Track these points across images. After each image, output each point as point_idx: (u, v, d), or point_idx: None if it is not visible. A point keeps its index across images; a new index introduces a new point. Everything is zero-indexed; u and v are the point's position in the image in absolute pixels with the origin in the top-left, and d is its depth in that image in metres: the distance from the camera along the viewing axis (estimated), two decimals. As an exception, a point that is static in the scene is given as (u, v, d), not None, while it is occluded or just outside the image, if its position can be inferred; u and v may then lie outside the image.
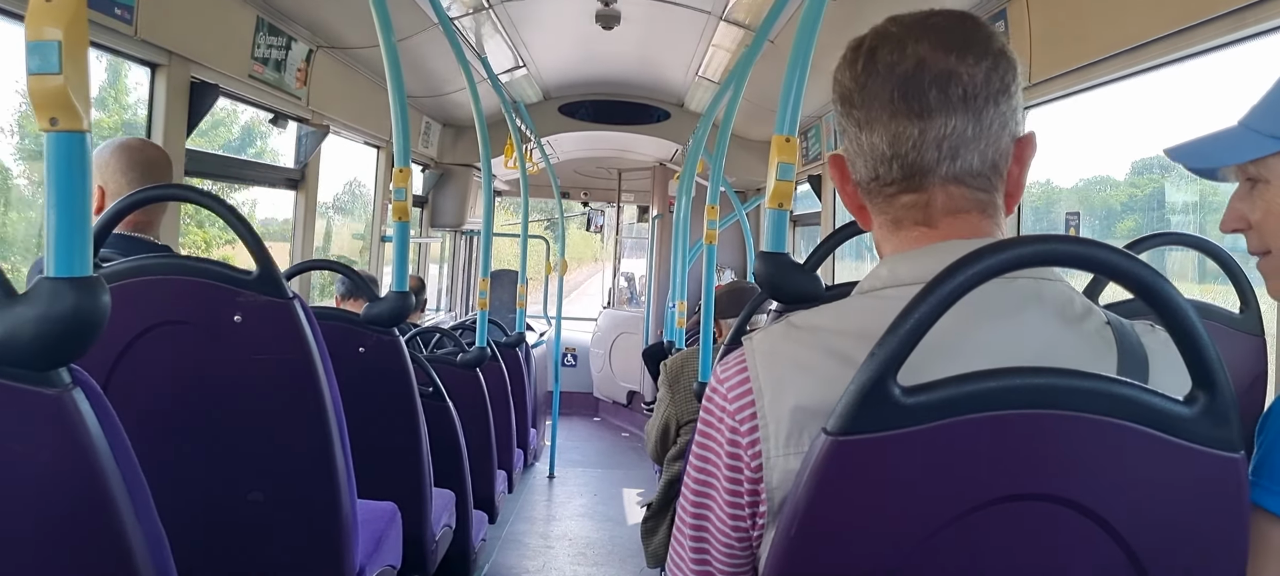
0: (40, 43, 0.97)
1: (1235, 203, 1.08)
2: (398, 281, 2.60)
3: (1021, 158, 0.93)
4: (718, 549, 0.96)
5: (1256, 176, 1.05)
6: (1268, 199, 1.04)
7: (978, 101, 0.89)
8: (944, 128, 0.89)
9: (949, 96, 0.88)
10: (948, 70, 0.88)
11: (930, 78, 0.89)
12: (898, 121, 0.90)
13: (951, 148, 0.89)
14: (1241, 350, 1.78)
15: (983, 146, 0.90)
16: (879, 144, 0.92)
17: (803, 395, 0.87)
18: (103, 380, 1.69)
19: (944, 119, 0.89)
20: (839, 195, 1.02)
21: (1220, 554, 0.81)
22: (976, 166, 0.90)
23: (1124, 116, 2.83)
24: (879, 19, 0.95)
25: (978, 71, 0.89)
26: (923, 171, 0.91)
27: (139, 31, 2.56)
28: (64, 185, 1.02)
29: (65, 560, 1.12)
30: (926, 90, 0.89)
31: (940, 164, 0.90)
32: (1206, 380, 0.79)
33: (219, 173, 3.65)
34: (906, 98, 0.89)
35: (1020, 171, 0.93)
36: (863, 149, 0.94)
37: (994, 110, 0.89)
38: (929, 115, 0.89)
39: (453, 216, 6.69)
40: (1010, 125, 0.91)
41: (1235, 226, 1.08)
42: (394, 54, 2.57)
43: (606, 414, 8.89)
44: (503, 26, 4.56)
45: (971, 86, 0.88)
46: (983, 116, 0.89)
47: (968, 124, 0.89)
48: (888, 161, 0.92)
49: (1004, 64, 0.90)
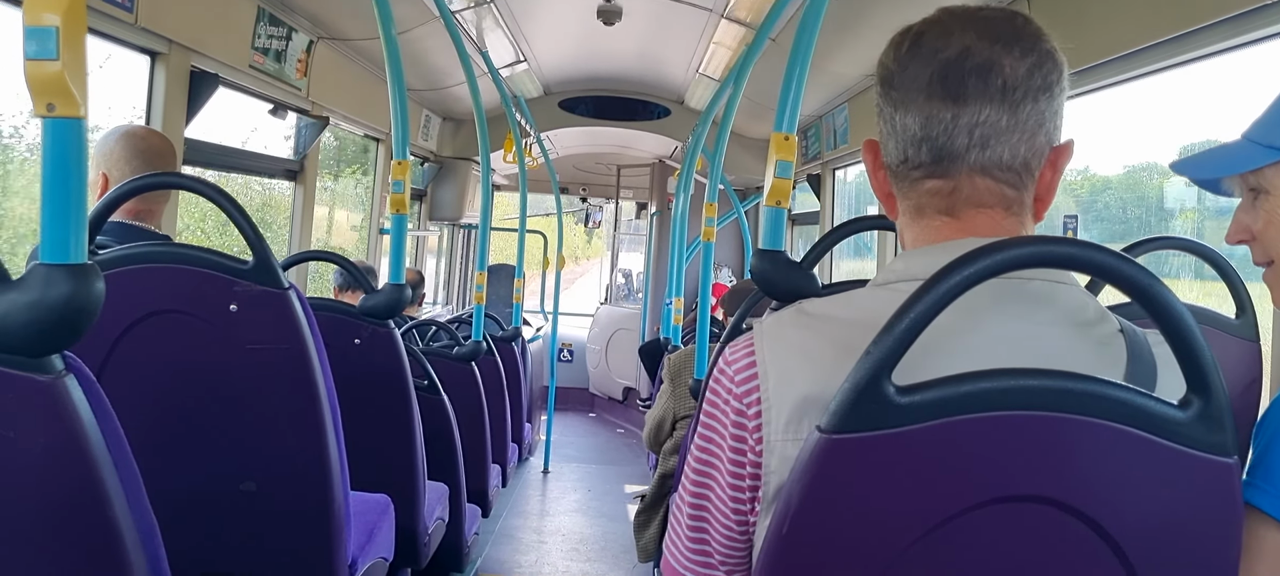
0: (38, 28, 0.97)
1: (1239, 215, 1.09)
2: (394, 273, 2.60)
3: (1056, 163, 0.92)
4: (717, 532, 0.96)
5: (1258, 187, 1.05)
6: (1269, 209, 1.05)
7: (1016, 94, 0.88)
8: (978, 115, 0.88)
9: (988, 86, 0.88)
10: (990, 60, 0.88)
11: (972, 65, 0.88)
12: (933, 104, 0.90)
13: (983, 136, 0.89)
14: (1237, 354, 1.79)
15: (1015, 141, 0.89)
16: (912, 125, 0.92)
17: (808, 383, 0.87)
18: (97, 367, 1.69)
19: (979, 106, 0.88)
20: (869, 181, 1.02)
21: (1213, 558, 0.81)
22: (1006, 160, 0.90)
23: (1173, 103, 2.75)
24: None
25: (1021, 66, 0.88)
26: (951, 157, 0.91)
27: (139, 19, 2.55)
28: (60, 171, 1.01)
29: (56, 547, 1.12)
30: (966, 77, 0.88)
31: (970, 151, 0.90)
32: (1201, 384, 0.79)
33: (218, 162, 3.64)
34: (945, 81, 0.89)
35: (1053, 176, 0.92)
36: (896, 130, 0.94)
37: (1031, 106, 0.89)
38: (965, 101, 0.89)
39: (451, 210, 6.69)
40: (1047, 126, 0.90)
41: (1239, 238, 1.09)
42: (394, 46, 2.56)
43: (602, 410, 8.89)
44: (504, 20, 4.55)
45: (1013, 79, 0.88)
46: (1020, 111, 0.88)
47: (1002, 115, 0.88)
48: (918, 144, 0.92)
49: (1049, 63, 0.89)
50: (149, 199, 2.05)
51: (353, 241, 6.14)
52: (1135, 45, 2.26)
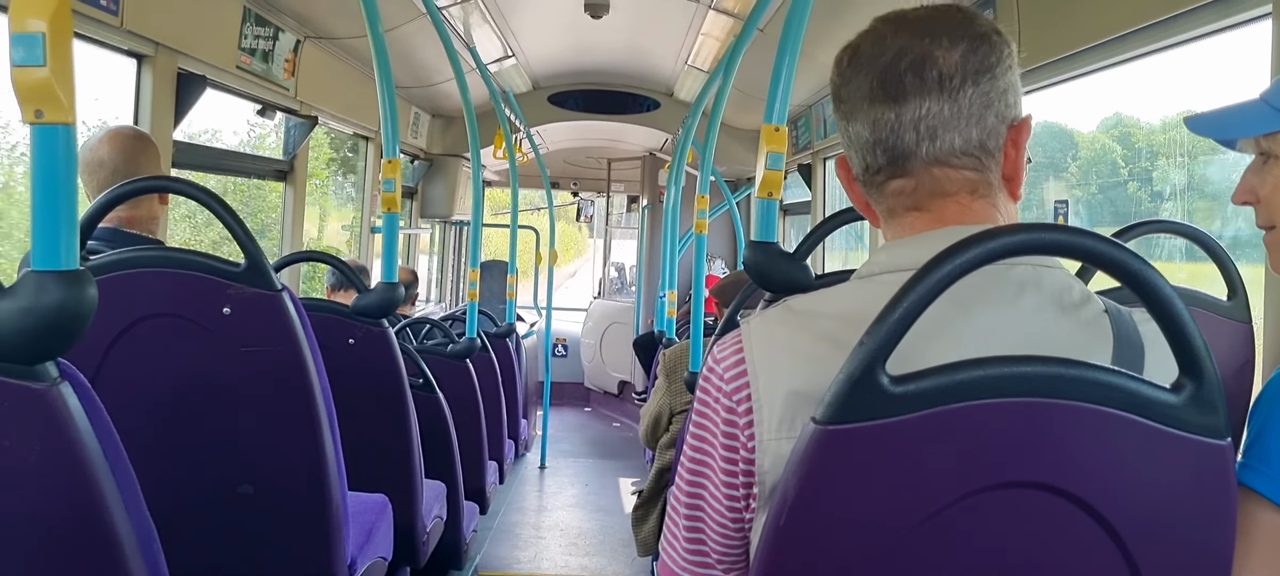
0: (24, 34, 0.96)
1: (1248, 176, 1.10)
2: (387, 272, 2.60)
3: (1016, 140, 0.93)
4: (713, 530, 0.96)
5: (1269, 151, 1.06)
6: (1277, 174, 1.06)
7: (954, 82, 0.90)
8: (918, 110, 0.90)
9: (924, 80, 0.90)
10: (922, 55, 0.90)
11: (907, 64, 0.90)
12: (876, 108, 0.92)
13: (929, 128, 0.91)
14: (1229, 337, 1.80)
15: (963, 126, 0.91)
16: (863, 133, 0.94)
17: (797, 379, 0.88)
18: (91, 374, 1.68)
19: (918, 101, 0.90)
20: (847, 196, 1.04)
21: (1207, 540, 0.82)
22: (959, 146, 0.91)
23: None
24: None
25: (953, 54, 0.90)
26: (904, 155, 0.92)
27: (125, 22, 2.54)
28: (49, 178, 1.01)
29: (54, 554, 1.12)
30: (903, 76, 0.91)
31: (920, 145, 0.92)
32: (1193, 367, 0.79)
33: (206, 164, 3.63)
34: (884, 85, 0.92)
35: (1016, 154, 0.94)
36: (852, 140, 0.97)
37: (972, 90, 0.90)
38: (904, 99, 0.91)
39: (442, 207, 6.68)
40: (996, 106, 0.91)
41: (1245, 199, 1.10)
42: (382, 44, 2.55)
43: (598, 404, 8.90)
44: (491, 16, 4.54)
45: (947, 68, 0.90)
46: (959, 97, 0.90)
47: (943, 105, 0.90)
48: (872, 148, 0.94)
49: (984, 46, 0.91)
50: (135, 204, 2.04)
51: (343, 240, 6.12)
52: (1122, 31, 2.26)
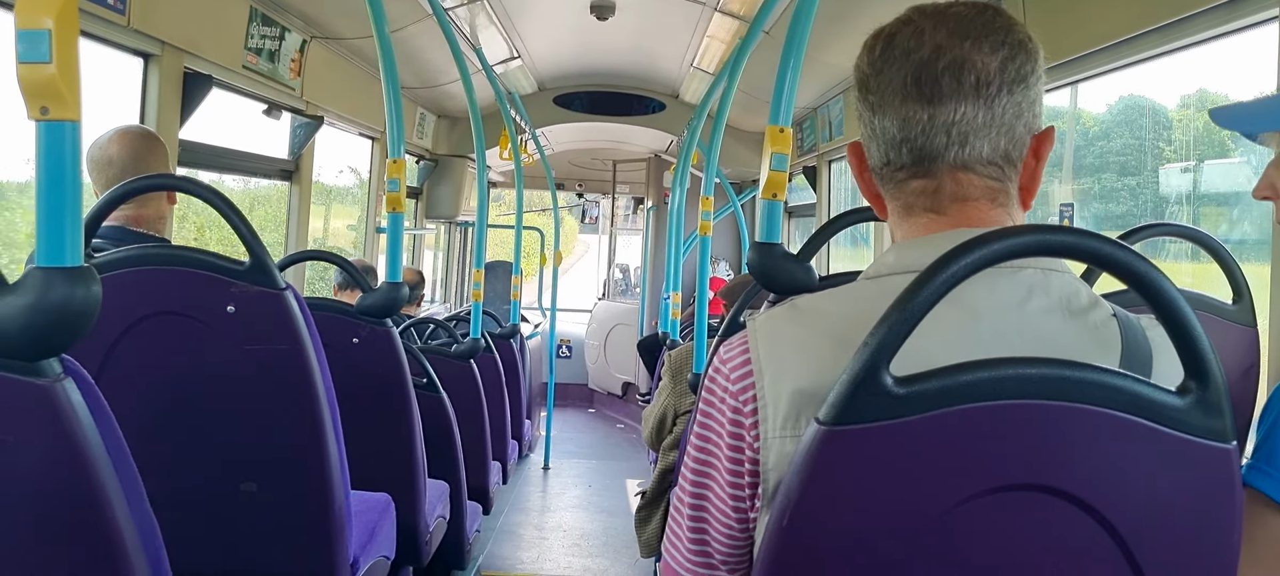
0: (31, 31, 0.97)
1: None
2: (391, 272, 2.60)
3: (1038, 151, 0.92)
4: (717, 529, 0.96)
5: None
6: None
7: (990, 90, 0.89)
8: (953, 113, 0.89)
9: (961, 83, 0.89)
10: (962, 57, 0.89)
11: (944, 64, 0.89)
12: (908, 106, 0.91)
13: (961, 134, 0.90)
14: (1234, 340, 1.79)
15: (994, 135, 0.90)
16: (890, 128, 0.92)
17: (803, 378, 0.87)
18: (95, 370, 1.69)
19: (954, 105, 0.89)
20: (856, 183, 1.02)
21: (1214, 544, 0.82)
22: (987, 154, 0.90)
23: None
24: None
25: (993, 60, 0.89)
26: (932, 156, 0.91)
27: (131, 21, 2.55)
28: (55, 174, 1.01)
29: (56, 551, 1.12)
30: (939, 76, 0.89)
31: (949, 149, 0.90)
32: (1199, 371, 0.79)
33: (213, 163, 3.64)
34: (919, 82, 0.90)
35: (1037, 164, 0.93)
36: (876, 133, 0.95)
37: (1007, 99, 0.89)
38: (939, 101, 0.89)
39: (447, 208, 6.69)
40: (1026, 116, 0.91)
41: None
42: (388, 45, 2.55)
43: (601, 405, 8.90)
44: (497, 17, 4.54)
45: (985, 74, 0.88)
46: (995, 105, 0.89)
47: (978, 111, 0.89)
48: (898, 145, 0.93)
49: (1022, 55, 0.90)
50: (142, 203, 2.04)
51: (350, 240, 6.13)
52: (1127, 35, 2.26)
